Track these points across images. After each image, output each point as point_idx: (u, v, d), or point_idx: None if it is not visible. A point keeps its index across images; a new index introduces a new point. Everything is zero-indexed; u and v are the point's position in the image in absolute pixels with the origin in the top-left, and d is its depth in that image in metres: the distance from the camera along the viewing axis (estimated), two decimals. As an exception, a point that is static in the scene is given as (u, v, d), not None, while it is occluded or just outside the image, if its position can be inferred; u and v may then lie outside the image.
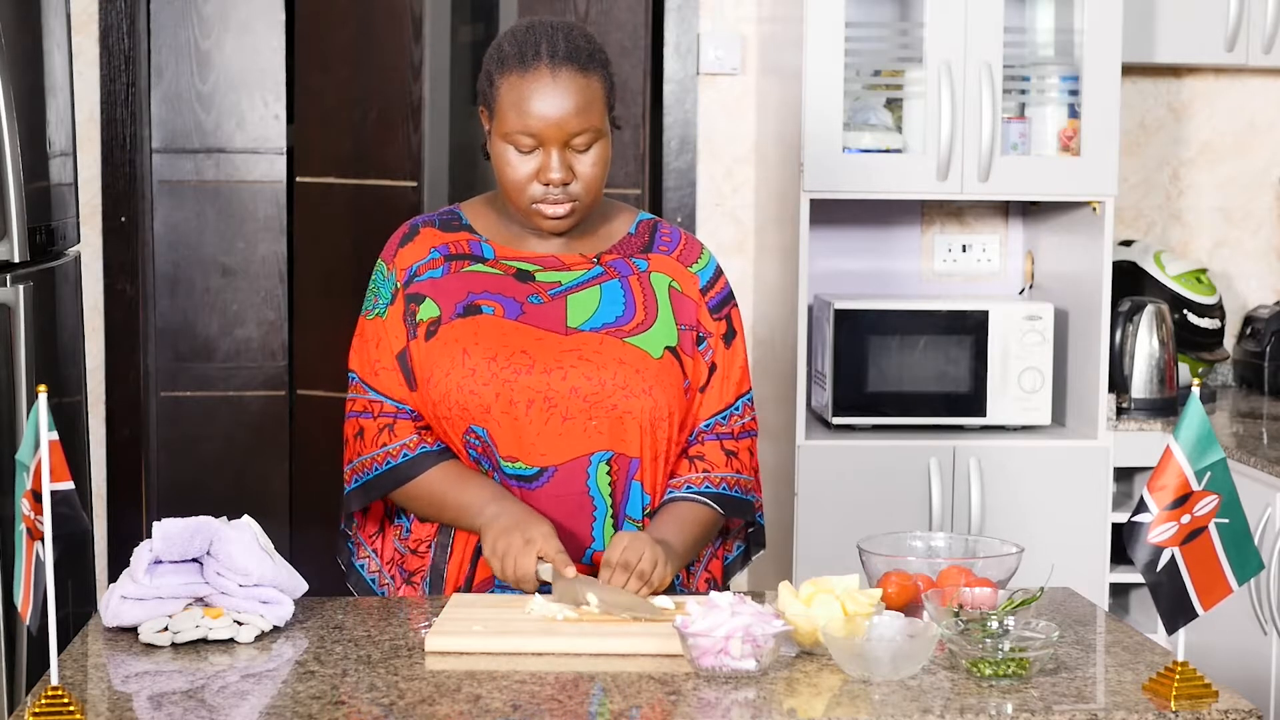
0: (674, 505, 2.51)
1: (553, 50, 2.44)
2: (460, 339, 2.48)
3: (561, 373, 2.46)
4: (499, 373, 2.45)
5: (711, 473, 2.54)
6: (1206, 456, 2.04)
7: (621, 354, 2.48)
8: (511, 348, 2.47)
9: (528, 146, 2.45)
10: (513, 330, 2.48)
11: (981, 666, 2.08)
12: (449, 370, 2.46)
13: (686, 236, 2.63)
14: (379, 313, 2.55)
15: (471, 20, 5.15)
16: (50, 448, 1.94)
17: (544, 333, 2.48)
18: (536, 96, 2.43)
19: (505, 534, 2.39)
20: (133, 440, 4.41)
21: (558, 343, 2.48)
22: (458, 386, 2.46)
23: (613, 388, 2.46)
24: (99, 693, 2.07)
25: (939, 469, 3.88)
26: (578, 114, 2.43)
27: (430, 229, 2.58)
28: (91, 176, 4.33)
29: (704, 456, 2.55)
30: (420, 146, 4.58)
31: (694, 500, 2.52)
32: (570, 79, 2.43)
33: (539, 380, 2.45)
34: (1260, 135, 4.54)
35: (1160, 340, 4.15)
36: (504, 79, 2.45)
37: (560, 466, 2.46)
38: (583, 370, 2.46)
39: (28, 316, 3.22)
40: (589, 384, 2.46)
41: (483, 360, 2.46)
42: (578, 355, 2.47)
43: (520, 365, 2.46)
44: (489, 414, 2.45)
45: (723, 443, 2.56)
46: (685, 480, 2.53)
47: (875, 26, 4.08)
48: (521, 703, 2.00)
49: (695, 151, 4.42)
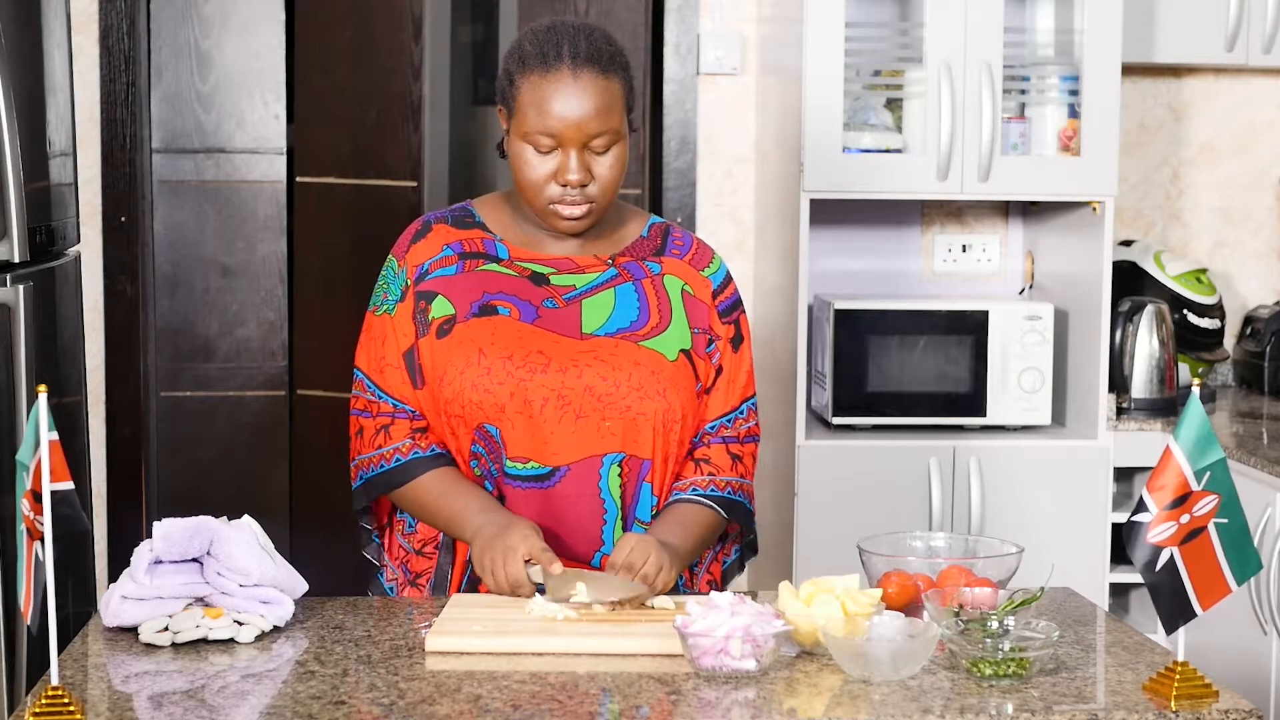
0: (679, 507, 2.51)
1: (574, 51, 2.44)
2: (476, 338, 2.48)
3: (577, 371, 2.46)
4: (514, 371, 2.45)
5: (717, 476, 2.54)
6: (1206, 456, 2.04)
7: (637, 356, 2.49)
8: (528, 348, 2.47)
9: (547, 147, 2.45)
10: (529, 333, 2.48)
11: (981, 666, 2.08)
12: (464, 369, 2.46)
13: (698, 241, 2.63)
14: (388, 309, 2.54)
15: (471, 20, 5.15)
16: (50, 448, 1.94)
17: (560, 336, 2.49)
18: (557, 97, 2.43)
19: (489, 547, 2.39)
20: (133, 440, 4.41)
21: (573, 345, 2.48)
22: (472, 385, 2.45)
23: (627, 389, 2.47)
24: (99, 693, 2.07)
25: (939, 469, 3.88)
26: (598, 116, 2.43)
27: (443, 225, 2.57)
28: (91, 176, 4.33)
29: (710, 459, 2.55)
30: (420, 146, 4.58)
31: (699, 503, 2.52)
32: (591, 81, 2.43)
33: (554, 379, 2.45)
34: (1260, 135, 4.54)
35: (1160, 340, 4.15)
36: (525, 79, 2.45)
37: (573, 466, 2.47)
38: (598, 370, 2.46)
39: (28, 316, 3.22)
40: (604, 384, 2.46)
41: (499, 359, 2.46)
42: (593, 356, 2.48)
43: (536, 365, 2.46)
44: (503, 413, 2.45)
45: (728, 446, 2.57)
46: (691, 482, 2.53)
47: (875, 26, 4.08)
48: (521, 703, 2.00)
49: (695, 151, 4.42)
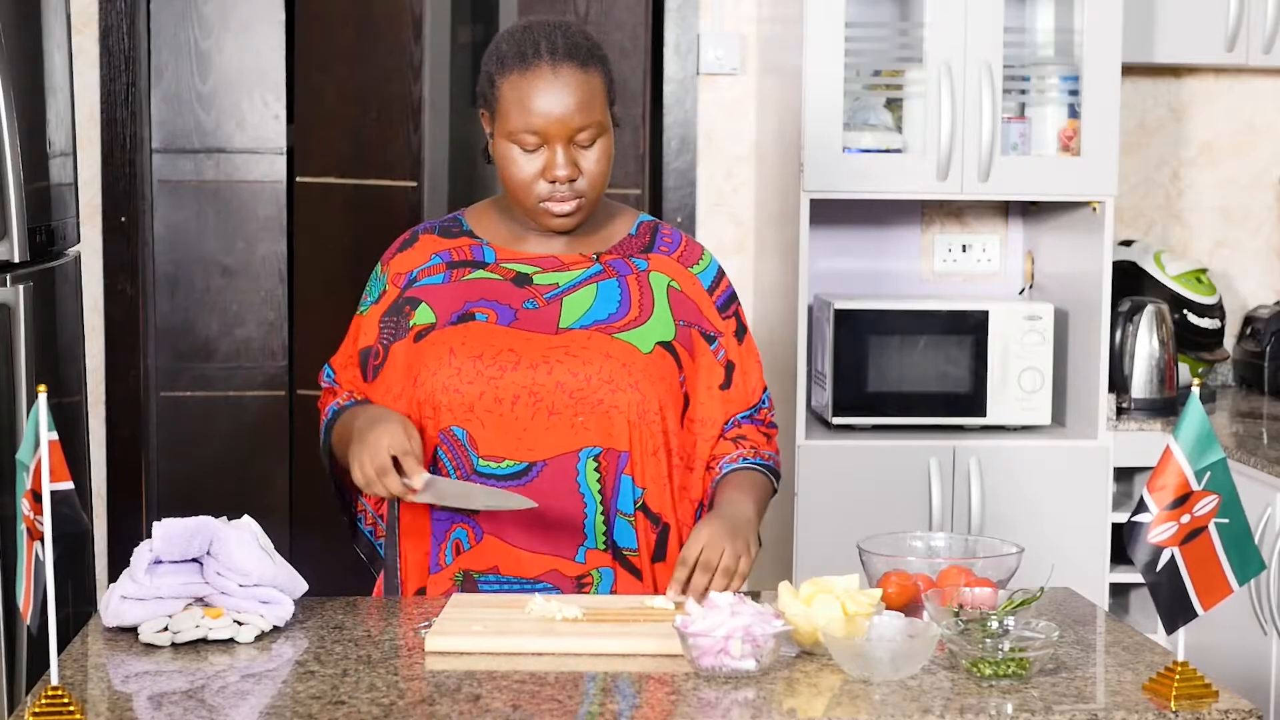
0: (734, 476, 2.55)
1: (552, 48, 2.45)
2: (448, 341, 2.50)
3: (548, 368, 2.47)
4: (484, 370, 2.47)
5: (760, 449, 2.59)
6: (1206, 456, 2.04)
7: (608, 349, 2.49)
8: (498, 347, 2.48)
9: (532, 145, 2.46)
10: (502, 334, 2.50)
11: (981, 666, 2.08)
12: (435, 370, 2.48)
13: (687, 239, 2.65)
14: (362, 310, 2.63)
15: (471, 20, 5.15)
16: (50, 448, 1.94)
17: (532, 334, 2.50)
18: (539, 94, 2.44)
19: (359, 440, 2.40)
20: (133, 440, 4.41)
21: (545, 341, 2.49)
22: (443, 386, 2.47)
23: (598, 382, 2.47)
24: (99, 693, 2.07)
25: (939, 469, 3.88)
26: (581, 109, 2.44)
27: (430, 236, 2.61)
28: (91, 176, 4.33)
29: (746, 437, 2.59)
30: (420, 146, 4.59)
31: (750, 469, 2.56)
32: (571, 75, 2.45)
33: (525, 376, 2.46)
34: (1260, 135, 4.54)
35: (1160, 340, 4.15)
36: (505, 79, 2.46)
37: (549, 462, 2.47)
38: (568, 366, 2.47)
39: (28, 316, 3.22)
40: (574, 379, 2.47)
41: (469, 360, 2.47)
42: (564, 351, 2.48)
43: (506, 363, 2.47)
44: (471, 412, 2.46)
45: (759, 428, 2.62)
46: (738, 454, 2.57)
47: (875, 26, 4.08)
48: (521, 703, 2.00)
49: (695, 151, 4.42)
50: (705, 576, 2.34)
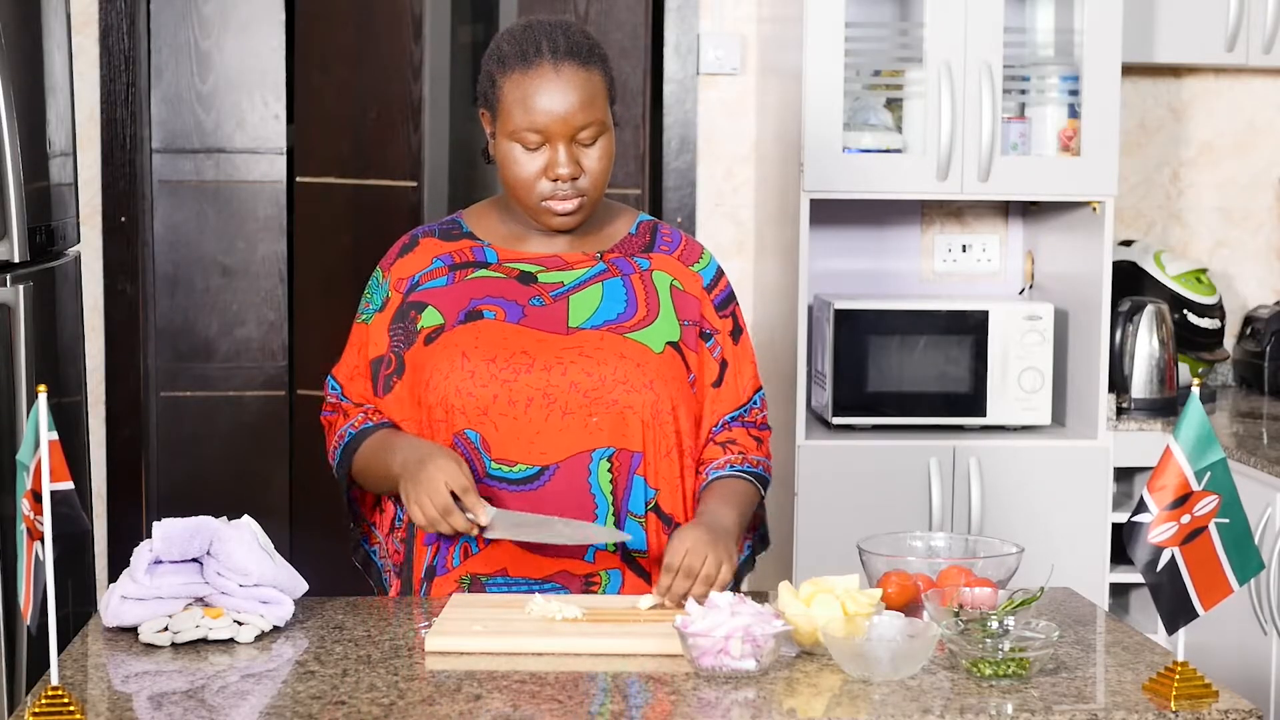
0: (718, 483, 2.53)
1: (554, 47, 2.45)
2: (460, 343, 2.48)
3: (561, 369, 2.46)
4: (498, 373, 2.46)
5: (748, 454, 2.57)
6: (1206, 456, 2.04)
7: (622, 349, 2.49)
8: (512, 349, 2.47)
9: (534, 144, 2.46)
10: (514, 333, 2.48)
11: (981, 666, 2.08)
12: (448, 374, 2.47)
13: (686, 238, 2.64)
14: (365, 318, 2.58)
15: (471, 20, 5.15)
16: (50, 448, 1.94)
17: (545, 334, 2.49)
18: (541, 93, 2.44)
19: (412, 480, 2.37)
20: (133, 440, 4.41)
21: (558, 342, 2.48)
22: (456, 390, 2.46)
23: (613, 383, 2.47)
24: (99, 693, 2.07)
25: (939, 469, 3.88)
26: (582, 108, 2.44)
27: (430, 239, 2.60)
28: (91, 176, 4.33)
29: (735, 441, 2.57)
30: (420, 146, 4.59)
31: (737, 477, 2.54)
32: (573, 73, 2.45)
33: (539, 378, 2.46)
34: (1260, 135, 4.54)
35: (1160, 340, 4.15)
36: (506, 78, 2.46)
37: (562, 464, 2.46)
38: (582, 366, 2.47)
39: (28, 316, 3.22)
40: (589, 379, 2.46)
41: (482, 363, 2.46)
42: (578, 352, 2.48)
43: (520, 365, 2.46)
44: (485, 415, 2.45)
45: (749, 430, 2.60)
46: (725, 460, 2.55)
47: (875, 26, 4.08)
48: (521, 703, 2.00)
49: (695, 151, 4.42)
50: (687, 582, 2.33)
